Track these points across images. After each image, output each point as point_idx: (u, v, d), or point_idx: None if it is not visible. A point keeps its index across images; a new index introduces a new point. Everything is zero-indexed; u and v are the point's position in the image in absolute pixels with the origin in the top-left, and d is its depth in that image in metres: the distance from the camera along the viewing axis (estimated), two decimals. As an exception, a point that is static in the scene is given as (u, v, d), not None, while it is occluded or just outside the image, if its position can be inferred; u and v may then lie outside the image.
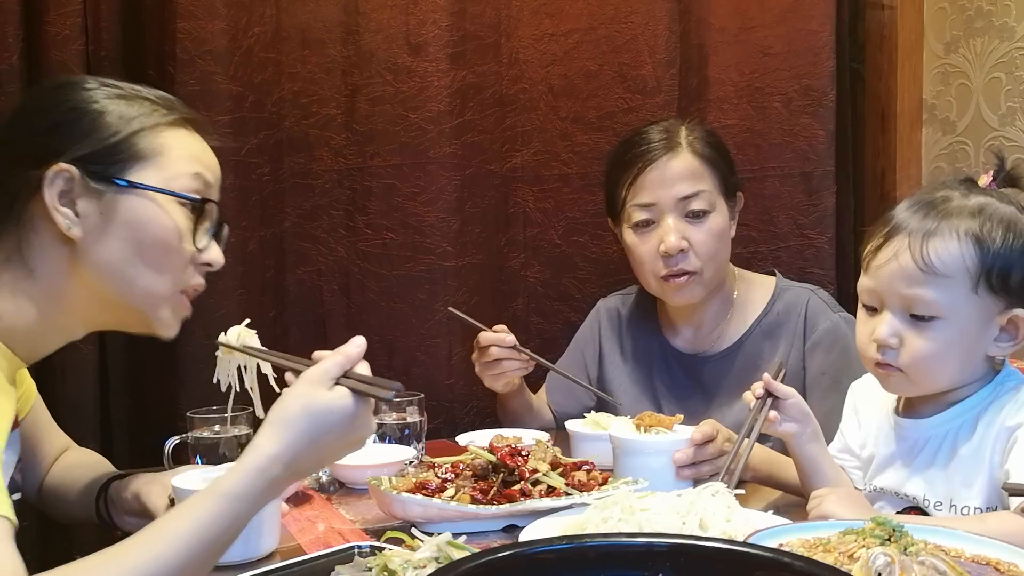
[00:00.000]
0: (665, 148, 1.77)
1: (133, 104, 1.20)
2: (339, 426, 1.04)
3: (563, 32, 2.17)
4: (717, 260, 1.79)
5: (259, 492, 1.01)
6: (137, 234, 1.17)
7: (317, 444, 1.03)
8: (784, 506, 1.42)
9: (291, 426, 1.02)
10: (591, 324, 2.04)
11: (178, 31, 1.87)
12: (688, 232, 1.75)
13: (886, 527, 0.97)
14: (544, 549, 0.86)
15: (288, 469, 1.03)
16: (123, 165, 1.17)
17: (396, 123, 2.06)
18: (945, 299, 1.23)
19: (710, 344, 1.88)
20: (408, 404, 1.72)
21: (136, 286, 1.18)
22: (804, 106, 2.22)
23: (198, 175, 1.22)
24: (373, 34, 2.04)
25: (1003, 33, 2.15)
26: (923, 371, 1.27)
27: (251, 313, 1.97)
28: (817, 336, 1.78)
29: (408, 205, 2.07)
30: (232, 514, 0.99)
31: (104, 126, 1.17)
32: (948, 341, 1.24)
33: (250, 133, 1.97)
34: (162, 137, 1.20)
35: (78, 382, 1.84)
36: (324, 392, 1.04)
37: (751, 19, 2.23)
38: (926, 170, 2.36)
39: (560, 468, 1.37)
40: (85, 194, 1.15)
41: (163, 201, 1.18)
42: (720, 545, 0.86)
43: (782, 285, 1.87)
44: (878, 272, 1.27)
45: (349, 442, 1.07)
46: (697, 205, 1.76)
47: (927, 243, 1.23)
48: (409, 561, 0.96)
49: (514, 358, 1.81)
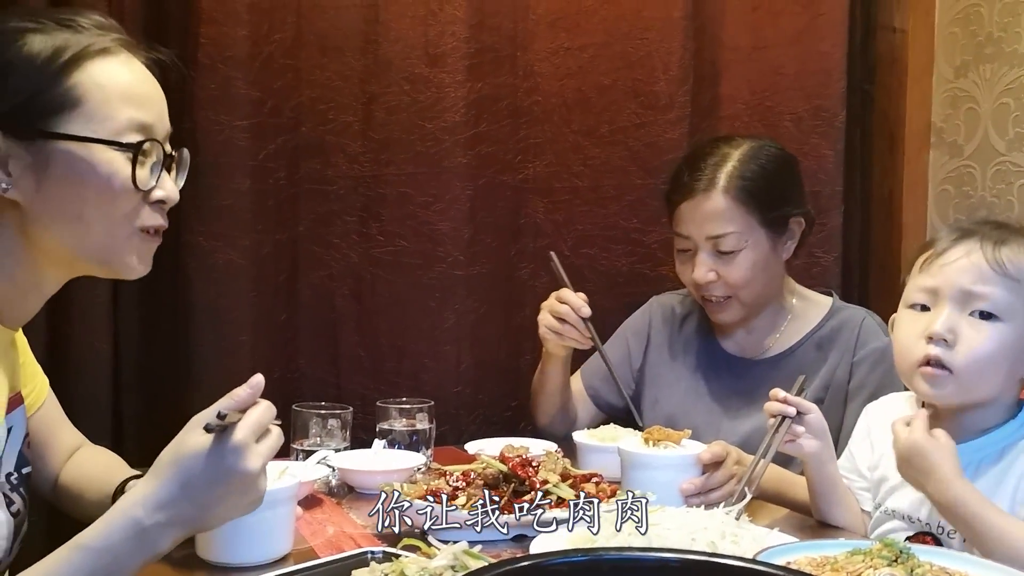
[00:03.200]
0: (704, 185, 1.79)
1: (47, 40, 1.09)
2: (206, 468, 0.98)
3: (578, 47, 2.20)
4: (753, 286, 1.82)
5: (122, 543, 0.96)
6: (76, 187, 1.10)
7: (190, 489, 0.98)
8: (788, 524, 1.43)
9: (159, 472, 0.99)
10: (642, 315, 2.07)
11: (201, 36, 1.89)
12: (718, 266, 1.80)
13: (893, 548, 0.99)
14: (560, 561, 0.88)
15: (158, 516, 0.97)
16: (46, 117, 1.08)
17: (412, 132, 2.08)
18: (1009, 300, 1.26)
19: (761, 351, 1.91)
20: (417, 411, 1.75)
21: (89, 238, 1.13)
22: (814, 126, 2.25)
23: (131, 118, 1.12)
24: (392, 44, 2.06)
25: (1013, 60, 2.17)
26: (974, 373, 1.27)
27: (262, 316, 2.02)
28: (866, 352, 1.81)
29: (421, 213, 2.10)
30: (90, 568, 0.94)
31: (20, 76, 1.08)
32: (1003, 344, 1.26)
33: (268, 138, 2.00)
34: (83, 75, 1.10)
35: (92, 379, 1.86)
36: (195, 435, 1.00)
37: (764, 39, 2.26)
38: (932, 192, 2.39)
39: (570, 480, 1.38)
40: (14, 152, 1.08)
41: (96, 148, 1.10)
42: (731, 562, 0.88)
43: (838, 304, 1.91)
44: (943, 268, 1.29)
45: (230, 485, 1.00)
46: (725, 247, 1.78)
47: (1000, 248, 1.27)
48: (426, 568, 0.98)
49: (579, 328, 1.84)
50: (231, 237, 1.96)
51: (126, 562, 0.97)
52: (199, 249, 1.94)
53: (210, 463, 0.99)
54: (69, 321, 1.85)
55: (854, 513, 1.44)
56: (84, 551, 0.95)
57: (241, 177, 1.96)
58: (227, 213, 1.95)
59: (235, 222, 1.96)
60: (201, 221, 1.92)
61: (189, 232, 1.93)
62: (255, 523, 1.19)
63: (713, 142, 1.89)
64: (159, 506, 0.98)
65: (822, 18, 2.24)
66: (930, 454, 1.21)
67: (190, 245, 1.93)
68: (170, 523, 0.98)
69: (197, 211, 1.91)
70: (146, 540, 0.97)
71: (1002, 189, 2.20)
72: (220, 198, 1.94)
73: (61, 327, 1.85)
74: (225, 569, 1.20)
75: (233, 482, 1.00)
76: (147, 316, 1.97)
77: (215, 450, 0.99)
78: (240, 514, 1.05)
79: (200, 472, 0.99)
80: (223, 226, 1.95)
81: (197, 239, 1.92)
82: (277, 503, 1.21)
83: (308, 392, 2.01)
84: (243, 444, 1.00)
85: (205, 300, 1.94)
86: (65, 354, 1.85)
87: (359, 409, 1.96)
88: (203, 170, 1.86)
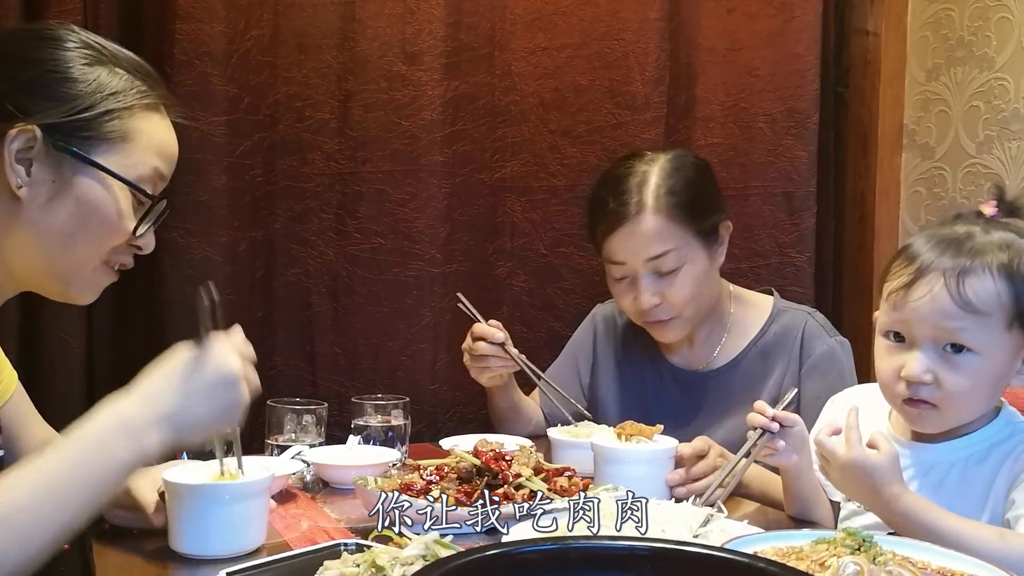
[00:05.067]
0: (634, 208, 1.74)
1: (112, 77, 1.19)
2: (191, 362, 1.08)
3: (556, 47, 2.21)
4: (697, 301, 1.79)
5: (110, 431, 1.01)
6: (84, 212, 1.17)
7: (175, 380, 1.07)
8: (758, 517, 1.45)
9: (146, 374, 1.08)
10: (586, 330, 2.06)
11: (177, 32, 1.89)
12: (661, 287, 1.76)
13: (856, 537, 1.00)
14: (528, 550, 0.89)
15: (143, 409, 1.04)
16: (90, 142, 1.17)
17: (389, 130, 2.09)
18: (982, 335, 1.23)
19: (706, 362, 1.90)
20: (393, 407, 1.75)
21: (67, 257, 1.19)
22: (788, 127, 2.27)
23: (157, 169, 1.23)
24: (369, 42, 2.07)
25: (983, 63, 2.20)
26: (957, 406, 1.27)
27: (239, 313, 2.00)
28: (813, 360, 1.79)
29: (398, 211, 2.10)
30: (76, 455, 0.99)
31: (79, 97, 1.16)
32: (982, 376, 1.25)
33: (244, 135, 2.00)
34: (133, 121, 1.20)
35: (65, 376, 1.86)
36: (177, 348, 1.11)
37: (739, 41, 2.28)
38: (905, 194, 2.42)
39: (543, 473, 1.40)
40: (44, 159, 1.15)
41: (117, 186, 1.19)
42: (698, 550, 0.90)
43: (780, 306, 1.88)
44: (912, 309, 1.25)
45: (214, 380, 1.09)
46: (667, 266, 1.75)
47: (963, 281, 1.22)
48: (397, 558, 0.99)
49: (500, 355, 1.84)
50: (207, 234, 1.96)
51: (114, 453, 1.02)
52: (175, 245, 1.93)
53: (195, 359, 1.09)
54: (42, 317, 1.85)
55: (827, 508, 1.45)
56: (71, 440, 1.00)
57: (217, 174, 1.96)
58: (203, 209, 1.95)
59: (211, 219, 1.96)
60: (177, 217, 1.91)
61: (164, 228, 1.89)
62: (227, 515, 1.20)
63: (626, 162, 1.83)
64: (144, 399, 1.05)
65: (796, 21, 2.27)
66: (872, 472, 1.20)
67: (165, 241, 1.92)
68: (156, 418, 1.04)
69: (173, 207, 1.87)
70: (132, 432, 1.03)
71: (972, 191, 2.23)
72: (196, 194, 1.94)
73: (34, 323, 1.84)
74: (197, 561, 1.20)
75: (216, 377, 1.09)
76: (121, 312, 1.97)
77: (200, 350, 1.09)
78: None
79: (185, 366, 1.08)
80: (199, 222, 1.95)
81: (173, 235, 1.92)
82: (249, 496, 1.22)
83: (284, 390, 2.00)
84: (225, 345, 1.11)
85: (180, 296, 1.94)
86: (39, 350, 1.84)
87: (335, 407, 1.97)
88: (179, 166, 1.85)
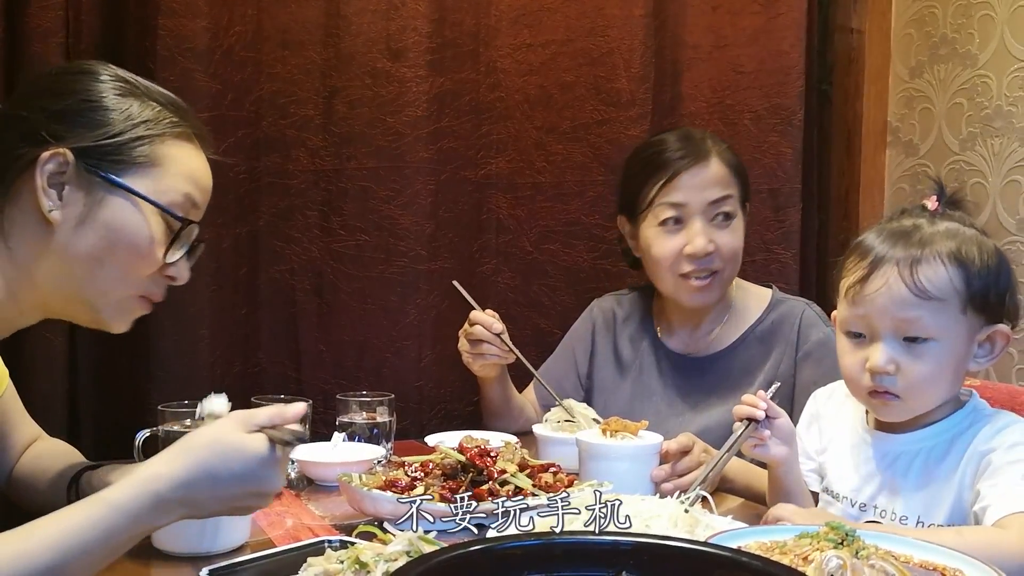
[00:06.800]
0: (699, 154, 1.84)
1: (145, 107, 1.22)
2: (245, 468, 1.03)
3: (541, 43, 2.21)
4: (735, 263, 1.86)
5: (141, 508, 0.99)
6: (114, 235, 1.19)
7: (215, 478, 1.02)
8: (742, 513, 1.46)
9: (191, 452, 1.03)
10: (585, 322, 2.08)
11: (159, 28, 1.87)
12: (714, 235, 1.82)
13: (839, 531, 1.01)
14: (512, 545, 0.89)
15: (177, 492, 1.01)
16: (120, 166, 1.19)
17: (373, 126, 2.08)
18: (939, 321, 1.26)
19: (704, 347, 1.93)
20: (378, 404, 1.75)
21: (96, 282, 1.20)
22: (773, 124, 2.28)
23: (188, 195, 1.24)
24: (353, 38, 2.06)
25: (966, 60, 2.22)
26: (920, 393, 1.30)
27: (223, 310, 2.00)
28: (809, 347, 1.83)
29: (383, 208, 2.10)
30: (108, 523, 0.97)
31: (110, 123, 1.19)
32: (942, 362, 1.28)
33: (228, 131, 1.98)
34: (164, 148, 1.22)
35: (48, 374, 1.84)
36: (241, 432, 1.05)
37: (724, 38, 2.29)
38: (889, 191, 2.43)
39: (528, 470, 1.40)
40: (75, 182, 1.17)
41: (148, 210, 1.20)
42: (682, 545, 0.90)
43: (778, 297, 1.94)
44: (869, 301, 1.29)
45: (252, 490, 1.06)
46: (727, 208, 1.83)
47: (916, 270, 1.26)
48: (381, 554, 0.98)
49: (495, 344, 1.85)
50: (191, 230, 1.94)
51: (138, 527, 1.01)
52: (158, 242, 1.92)
53: (249, 467, 1.04)
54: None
55: (810, 503, 1.46)
56: (109, 507, 0.99)
57: (201, 171, 1.95)
58: (187, 206, 1.94)
59: (195, 215, 1.95)
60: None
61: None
62: (211, 512, 1.19)
63: (665, 132, 1.96)
64: (181, 485, 1.01)
65: (781, 18, 2.28)
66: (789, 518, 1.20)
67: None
68: (182, 503, 1.02)
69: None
70: (159, 512, 1.01)
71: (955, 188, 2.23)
72: (179, 191, 1.93)
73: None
74: (180, 559, 1.20)
75: (257, 491, 1.06)
76: (105, 310, 1.95)
77: (260, 458, 1.04)
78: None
79: (235, 470, 1.03)
80: (182, 219, 1.94)
81: (156, 232, 1.91)
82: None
83: (269, 387, 2.00)
84: (282, 463, 1.07)
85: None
86: (20, 348, 1.82)
87: (320, 404, 1.97)
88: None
